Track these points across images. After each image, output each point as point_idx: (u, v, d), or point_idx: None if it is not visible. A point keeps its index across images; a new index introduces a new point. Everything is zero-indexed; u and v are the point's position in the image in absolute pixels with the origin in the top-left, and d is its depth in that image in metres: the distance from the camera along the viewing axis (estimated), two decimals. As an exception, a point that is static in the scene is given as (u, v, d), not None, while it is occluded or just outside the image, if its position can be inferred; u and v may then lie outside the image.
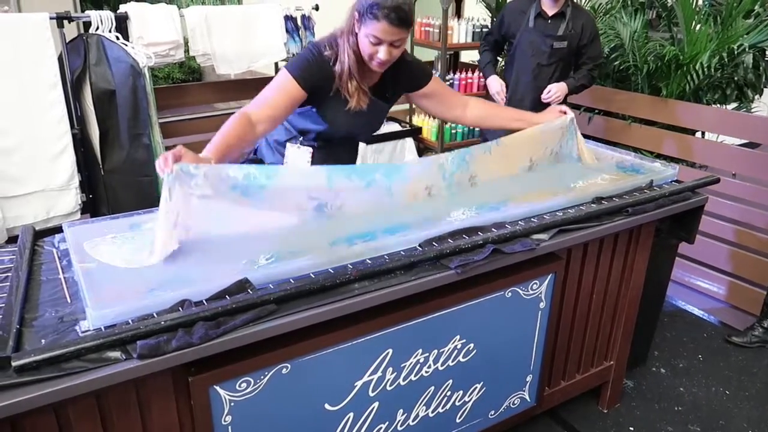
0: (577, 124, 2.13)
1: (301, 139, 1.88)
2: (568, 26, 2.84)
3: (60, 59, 2.73)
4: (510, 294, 1.71)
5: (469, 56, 4.54)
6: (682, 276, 3.23)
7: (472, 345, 1.71)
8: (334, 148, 1.90)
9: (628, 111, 3.38)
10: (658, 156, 3.20)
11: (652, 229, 2.09)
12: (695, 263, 3.19)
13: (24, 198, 2.74)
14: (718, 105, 3.37)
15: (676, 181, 2.14)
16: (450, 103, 2.02)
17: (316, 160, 1.87)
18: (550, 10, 2.86)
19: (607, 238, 1.95)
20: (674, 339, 2.88)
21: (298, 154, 1.87)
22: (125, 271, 1.38)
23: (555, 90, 2.86)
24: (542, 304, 1.81)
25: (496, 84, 3.01)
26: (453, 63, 4.26)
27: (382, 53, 1.66)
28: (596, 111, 3.56)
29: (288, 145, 1.87)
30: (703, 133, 3.36)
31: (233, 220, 1.52)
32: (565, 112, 2.07)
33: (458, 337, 1.66)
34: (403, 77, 1.89)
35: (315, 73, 1.71)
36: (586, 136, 3.28)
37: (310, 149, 1.86)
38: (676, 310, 3.16)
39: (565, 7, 2.84)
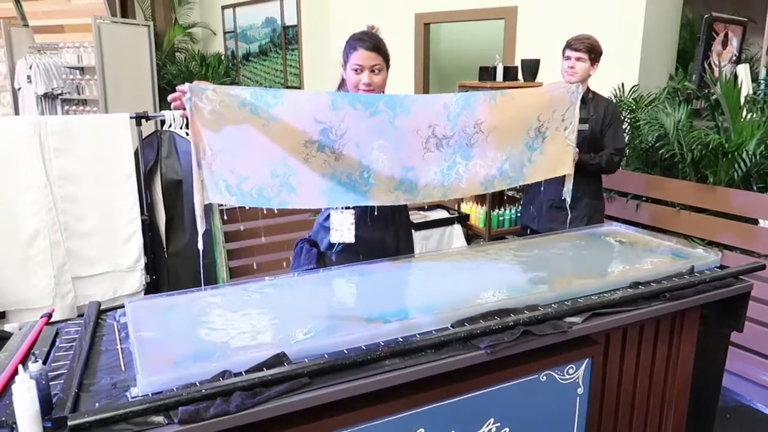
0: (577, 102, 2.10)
1: None
2: (589, 111, 2.93)
3: (136, 153, 3.03)
4: (545, 378, 1.71)
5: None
6: (746, 369, 3.07)
7: (507, 429, 1.69)
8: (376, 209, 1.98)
9: (676, 198, 3.37)
10: (710, 243, 3.15)
11: (697, 316, 2.05)
12: (759, 356, 3.04)
13: (95, 278, 2.98)
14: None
15: (720, 266, 2.11)
16: None
17: (360, 222, 1.97)
18: None
19: (647, 324, 1.93)
20: (738, 437, 2.71)
21: (342, 218, 1.98)
22: (175, 342, 1.49)
23: None
24: (580, 390, 1.79)
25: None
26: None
27: (365, 77, 1.91)
28: (644, 198, 3.57)
29: (331, 212, 1.99)
30: (756, 221, 3.29)
31: (247, 142, 1.57)
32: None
33: (492, 420, 1.66)
34: None
35: None
36: (634, 224, 3.31)
37: (353, 211, 1.97)
38: (741, 405, 2.99)
39: (586, 95, 2.95)
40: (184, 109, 1.54)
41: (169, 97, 1.57)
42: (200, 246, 1.59)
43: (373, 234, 2.01)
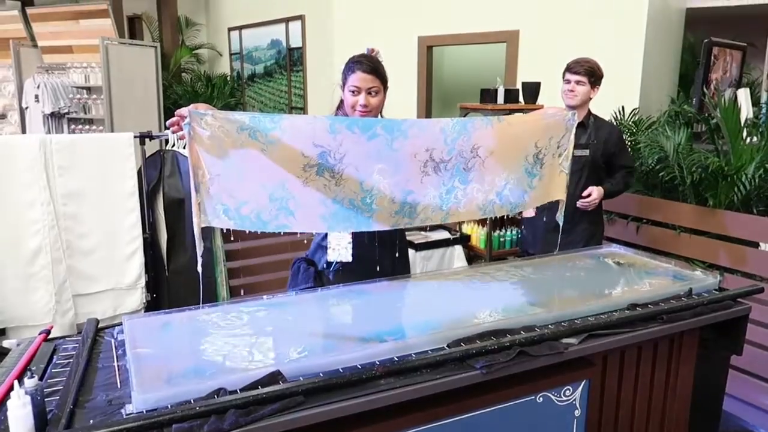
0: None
1: None
2: (589, 136, 2.94)
3: (139, 172, 3.07)
4: (541, 399, 1.70)
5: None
6: (749, 394, 3.04)
7: (504, 451, 1.69)
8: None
9: (676, 221, 3.38)
10: (710, 266, 3.15)
11: (695, 339, 2.05)
12: (761, 380, 3.01)
13: (96, 296, 2.99)
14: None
15: (719, 289, 2.12)
16: None
17: (357, 242, 1.98)
18: None
19: (645, 346, 1.93)
20: (740, 463, 2.68)
21: (339, 237, 2.01)
22: (171, 359, 1.50)
23: (595, 195, 2.86)
24: (577, 412, 1.78)
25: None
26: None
27: (362, 98, 1.96)
28: (644, 220, 3.58)
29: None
30: (756, 244, 3.29)
31: (246, 166, 1.61)
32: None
33: (489, 441, 1.65)
34: None
35: None
36: (634, 246, 3.31)
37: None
38: (743, 430, 2.95)
39: (587, 119, 2.96)
40: (183, 133, 1.56)
41: (168, 122, 1.60)
42: (199, 268, 1.60)
43: (371, 253, 2.02)
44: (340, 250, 1.97)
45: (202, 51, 9.26)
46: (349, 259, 2.00)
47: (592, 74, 2.86)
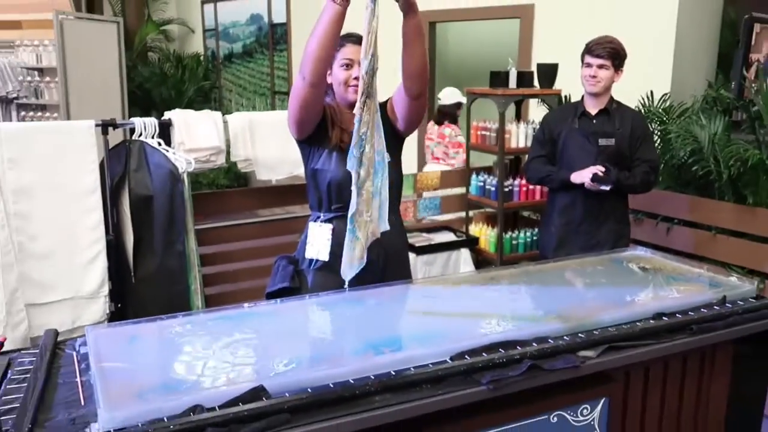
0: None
1: (320, 216, 2.17)
2: (614, 124, 3.03)
3: (101, 165, 3.11)
4: (555, 418, 1.75)
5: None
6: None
7: (513, 477, 1.74)
8: None
9: (712, 221, 3.44)
10: (750, 272, 3.21)
11: (729, 352, 2.10)
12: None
13: (52, 306, 3.03)
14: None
15: (757, 297, 2.17)
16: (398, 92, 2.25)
17: (340, 238, 2.06)
18: (593, 108, 3.06)
19: (672, 361, 1.98)
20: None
21: (320, 232, 2.14)
22: (142, 373, 1.55)
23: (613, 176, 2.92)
24: (596, 433, 1.84)
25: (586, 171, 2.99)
26: (512, 168, 4.48)
27: (356, 71, 2.11)
28: (676, 221, 3.64)
29: (310, 224, 2.19)
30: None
31: None
32: None
33: (497, 466, 1.71)
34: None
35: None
36: (664, 249, 3.37)
37: (331, 226, 2.14)
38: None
39: (609, 105, 3.05)
40: None
41: None
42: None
43: None
44: (319, 247, 2.07)
45: (172, 27, 9.30)
46: (326, 258, 2.10)
47: (616, 56, 2.93)
